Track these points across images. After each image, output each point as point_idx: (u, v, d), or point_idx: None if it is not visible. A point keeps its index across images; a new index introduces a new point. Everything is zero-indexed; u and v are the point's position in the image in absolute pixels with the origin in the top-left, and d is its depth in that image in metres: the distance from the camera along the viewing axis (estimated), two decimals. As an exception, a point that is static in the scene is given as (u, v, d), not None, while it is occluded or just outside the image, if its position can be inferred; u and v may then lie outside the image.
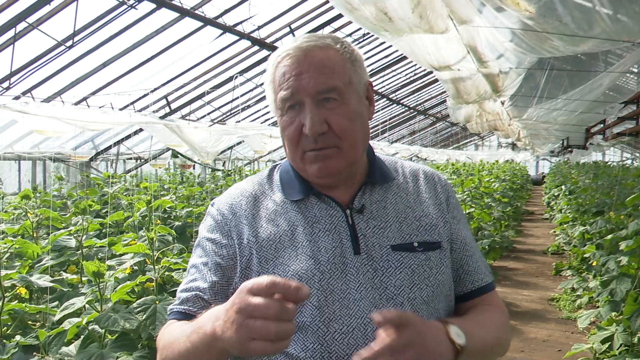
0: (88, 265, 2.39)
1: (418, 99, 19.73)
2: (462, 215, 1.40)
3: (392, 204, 1.32)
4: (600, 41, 3.10)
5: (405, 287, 1.22)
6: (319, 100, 1.22)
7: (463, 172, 11.87)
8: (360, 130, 1.26)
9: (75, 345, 2.44)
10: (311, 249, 1.24)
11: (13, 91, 7.50)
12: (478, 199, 8.35)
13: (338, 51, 1.25)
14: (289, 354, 1.21)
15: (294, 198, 1.30)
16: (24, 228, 3.85)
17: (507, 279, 7.48)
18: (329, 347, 1.18)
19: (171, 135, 9.62)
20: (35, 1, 5.95)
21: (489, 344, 1.24)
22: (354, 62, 1.27)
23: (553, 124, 10.88)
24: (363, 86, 1.29)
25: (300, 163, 1.27)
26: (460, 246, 1.33)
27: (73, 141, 11.41)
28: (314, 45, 1.24)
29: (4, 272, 2.96)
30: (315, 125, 1.20)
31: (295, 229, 1.27)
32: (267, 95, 1.30)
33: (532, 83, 7.40)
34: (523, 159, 35.44)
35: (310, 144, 1.23)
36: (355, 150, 1.26)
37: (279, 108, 1.26)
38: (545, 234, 11.53)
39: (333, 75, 1.22)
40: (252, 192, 1.35)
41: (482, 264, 1.36)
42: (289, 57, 1.24)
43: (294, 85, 1.22)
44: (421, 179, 1.38)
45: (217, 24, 8.20)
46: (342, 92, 1.23)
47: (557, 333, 5.41)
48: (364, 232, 1.26)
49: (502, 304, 1.37)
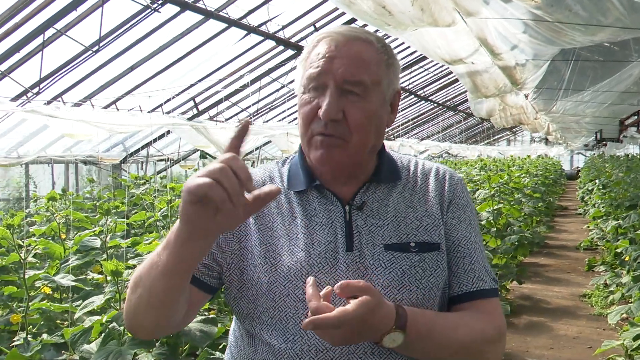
0: (107, 265, 2.43)
1: (447, 95, 19.55)
2: (469, 216, 1.33)
3: (394, 202, 1.29)
4: (617, 30, 3.01)
5: (393, 288, 1.20)
6: (343, 90, 1.20)
7: (493, 167, 11.72)
8: (373, 130, 1.25)
9: (96, 343, 2.48)
10: (305, 241, 1.24)
11: (43, 96, 7.68)
12: (507, 194, 8.23)
13: (378, 50, 1.25)
14: (269, 344, 1.21)
15: (296, 189, 1.30)
16: (51, 229, 3.93)
17: (537, 276, 7.36)
18: (308, 340, 1.18)
19: (198, 137, 9.73)
20: (62, 8, 6.08)
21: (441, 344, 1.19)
22: (389, 66, 1.26)
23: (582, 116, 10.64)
24: (391, 92, 1.28)
25: (306, 146, 1.26)
26: (452, 247, 1.28)
27: (104, 144, 11.63)
28: (356, 36, 1.24)
29: (32, 272, 3.04)
30: (331, 111, 1.19)
31: (294, 220, 1.27)
32: (296, 72, 1.29)
33: (557, 75, 7.24)
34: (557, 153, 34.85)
35: (320, 128, 1.22)
36: (362, 148, 1.25)
37: (303, 85, 1.25)
38: (578, 229, 11.30)
39: (365, 70, 1.21)
40: (261, 179, 1.35)
41: (480, 269, 1.29)
42: (329, 39, 1.23)
43: (324, 66, 1.21)
44: (431, 178, 1.34)
45: (242, 25, 8.26)
46: (367, 89, 1.21)
47: (588, 330, 5.30)
48: (360, 230, 1.25)
49: (497, 315, 1.28)
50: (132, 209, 5.84)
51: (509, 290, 6.35)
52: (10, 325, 2.97)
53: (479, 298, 1.27)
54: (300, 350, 1.18)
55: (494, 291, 1.29)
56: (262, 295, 1.22)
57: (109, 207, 3.66)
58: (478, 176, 9.39)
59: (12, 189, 11.43)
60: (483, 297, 1.27)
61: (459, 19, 3.86)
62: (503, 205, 7.20)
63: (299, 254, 1.23)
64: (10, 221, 2.88)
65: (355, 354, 1.18)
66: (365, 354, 1.18)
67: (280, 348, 1.20)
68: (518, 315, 5.65)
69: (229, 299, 1.29)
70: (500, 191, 7.77)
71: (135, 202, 6.07)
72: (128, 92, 9.12)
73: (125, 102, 9.48)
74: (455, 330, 1.20)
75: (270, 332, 1.22)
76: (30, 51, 6.63)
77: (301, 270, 1.21)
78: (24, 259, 2.85)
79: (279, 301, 1.21)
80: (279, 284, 1.21)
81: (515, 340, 5.00)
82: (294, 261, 1.22)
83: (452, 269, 1.28)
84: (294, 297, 1.20)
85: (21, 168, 10.59)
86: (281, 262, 1.23)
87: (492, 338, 1.24)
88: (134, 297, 1.16)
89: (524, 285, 6.65)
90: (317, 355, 1.18)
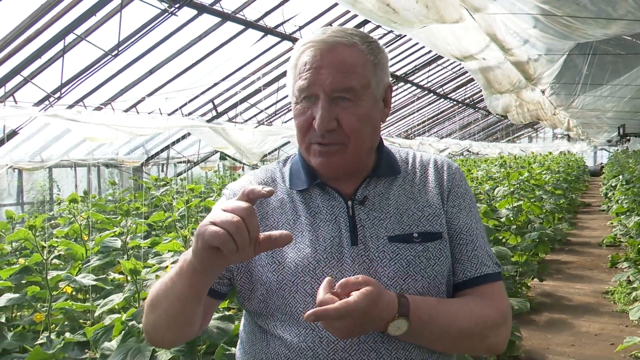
0: (125, 264, 2.48)
1: (466, 92, 19.43)
2: (468, 204, 1.36)
3: (395, 195, 1.32)
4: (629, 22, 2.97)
5: (399, 278, 1.23)
6: (334, 98, 1.23)
7: (513, 164, 11.62)
8: (369, 132, 1.28)
9: (116, 340, 2.53)
10: (310, 238, 1.27)
11: (65, 101, 7.81)
12: (528, 191, 8.16)
13: (363, 52, 1.26)
14: (282, 338, 1.25)
15: (298, 188, 1.33)
16: (73, 230, 4.00)
17: (559, 273, 7.30)
18: (320, 333, 1.21)
19: (217, 138, 9.82)
20: (82, 13, 6.18)
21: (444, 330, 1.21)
22: (377, 65, 1.28)
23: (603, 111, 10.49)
24: (381, 89, 1.30)
25: (305, 153, 1.31)
26: (454, 235, 1.31)
27: (125, 147, 11.78)
28: (340, 42, 1.25)
29: (54, 273, 3.11)
30: (325, 122, 1.23)
31: (298, 218, 1.30)
32: (287, 78, 1.32)
33: (574, 70, 7.15)
34: (580, 149, 34.43)
35: (317, 138, 1.26)
36: (360, 150, 1.28)
37: (295, 95, 1.28)
38: (601, 226, 11.17)
39: (352, 75, 1.23)
40: (263, 179, 1.38)
41: (483, 254, 1.31)
42: (313, 49, 1.25)
43: (312, 78, 1.23)
44: (430, 169, 1.37)
45: (259, 27, 8.32)
46: (357, 94, 1.24)
47: (611, 327, 5.24)
48: (364, 224, 1.28)
49: (501, 299, 1.30)
50: (153, 210, 5.90)
51: (529, 287, 6.30)
52: (35, 324, 3.04)
53: (482, 283, 1.29)
54: (312, 343, 1.21)
55: (498, 275, 1.32)
56: (273, 293, 1.25)
57: (129, 209, 3.72)
58: (498, 173, 9.32)
59: (36, 192, 11.63)
60: (487, 281, 1.30)
61: (466, 15, 3.84)
62: (523, 202, 7.14)
63: (305, 251, 1.26)
64: (32, 222, 2.95)
65: (365, 343, 1.20)
66: (375, 343, 1.21)
67: (292, 342, 1.23)
68: (539, 313, 5.61)
69: (241, 300, 1.33)
70: (521, 188, 7.71)
71: (155, 204, 6.14)
72: (148, 95, 9.23)
73: (145, 105, 9.60)
74: (457, 315, 1.23)
75: (282, 327, 1.25)
76: (52, 57, 6.75)
77: (308, 266, 1.24)
78: (47, 260, 2.91)
79: (289, 297, 1.24)
80: (287, 281, 1.24)
81: (536, 337, 4.96)
82: (301, 258, 1.25)
83: (455, 257, 1.31)
84: (303, 292, 1.23)
85: (45, 172, 10.79)
86: (288, 260, 1.26)
87: (496, 322, 1.26)
88: (152, 317, 1.25)
89: (545, 282, 6.59)
90: (329, 346, 1.21)
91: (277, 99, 11.47)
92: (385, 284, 1.22)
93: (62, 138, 10.00)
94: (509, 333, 1.33)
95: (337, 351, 1.20)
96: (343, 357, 1.20)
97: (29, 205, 10.95)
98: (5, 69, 6.63)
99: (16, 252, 3.97)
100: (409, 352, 1.23)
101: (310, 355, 1.21)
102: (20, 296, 2.97)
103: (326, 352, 1.21)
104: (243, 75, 10.07)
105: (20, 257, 3.64)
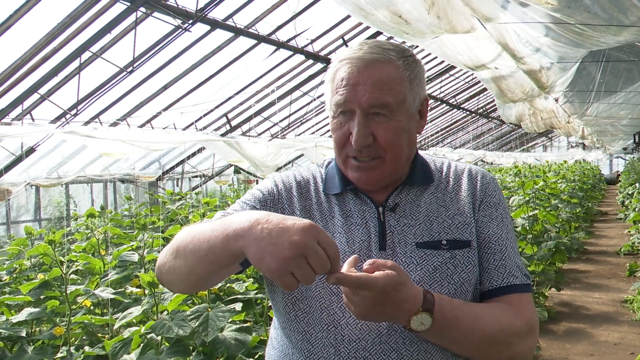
0: (143, 277, 2.51)
1: (479, 102, 19.37)
2: (501, 214, 1.36)
3: (426, 203, 1.34)
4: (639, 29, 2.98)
5: (425, 284, 1.25)
6: (369, 114, 1.26)
7: (528, 174, 11.55)
8: (405, 145, 1.31)
9: (135, 353, 2.55)
10: (340, 240, 1.30)
11: (81, 117, 7.91)
12: (543, 200, 8.11)
13: (399, 67, 1.28)
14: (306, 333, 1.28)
15: (332, 192, 1.37)
16: (91, 245, 4.05)
17: (577, 282, 7.23)
18: (342, 330, 1.24)
19: (231, 152, 9.88)
20: (97, 31, 6.27)
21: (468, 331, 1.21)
22: (412, 80, 1.30)
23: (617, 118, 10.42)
24: (417, 103, 1.33)
25: (343, 165, 1.34)
26: (482, 243, 1.32)
27: (140, 162, 11.89)
28: (376, 59, 1.27)
29: (73, 287, 3.14)
30: (361, 139, 1.26)
31: (332, 219, 1.34)
32: (324, 92, 1.36)
33: (587, 77, 7.12)
34: (595, 158, 34.12)
35: (354, 152, 1.29)
36: (397, 163, 1.32)
37: (332, 110, 1.32)
38: (619, 234, 11.06)
39: (388, 92, 1.26)
40: (306, 177, 1.42)
41: (511, 265, 1.31)
42: (350, 65, 1.28)
43: (349, 94, 1.27)
44: (464, 178, 1.39)
45: (271, 41, 8.39)
46: (393, 110, 1.27)
47: (630, 336, 5.18)
48: (393, 230, 1.30)
49: (527, 310, 1.29)
50: (169, 224, 5.95)
51: (547, 297, 6.25)
52: (54, 338, 3.07)
53: (509, 293, 1.29)
54: (334, 340, 1.24)
55: (526, 286, 1.32)
56: (299, 288, 1.27)
57: (146, 223, 3.76)
58: (512, 183, 9.27)
59: (53, 208, 11.75)
60: (514, 292, 1.30)
61: (477, 24, 3.86)
62: (539, 211, 7.10)
63: None
64: (51, 237, 2.99)
65: (387, 343, 1.22)
66: (397, 344, 1.22)
67: (316, 338, 1.26)
68: (557, 322, 5.57)
69: (270, 292, 1.37)
70: (536, 197, 7.66)
71: (171, 218, 6.19)
72: (162, 110, 9.32)
73: (159, 121, 9.70)
74: (482, 319, 1.23)
75: (306, 323, 1.28)
76: (68, 74, 6.85)
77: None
78: (66, 274, 2.95)
79: (315, 293, 1.27)
80: None
81: (555, 347, 4.92)
82: None
83: (482, 265, 1.32)
84: (328, 291, 1.26)
85: (62, 188, 10.91)
86: None
87: (521, 331, 1.26)
88: (173, 263, 1.24)
89: (562, 291, 6.54)
90: (350, 344, 1.23)
91: (290, 112, 11.52)
92: None
93: (78, 154, 10.12)
94: (535, 344, 1.33)
95: (358, 350, 1.23)
96: (364, 355, 1.22)
97: (46, 221, 11.06)
98: (23, 87, 6.73)
99: (35, 268, 4.01)
100: (430, 355, 1.24)
101: (332, 352, 1.24)
102: (39, 310, 3.00)
103: (348, 349, 1.23)
104: (256, 89, 10.14)
105: (40, 272, 3.69)
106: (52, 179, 10.01)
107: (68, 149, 9.86)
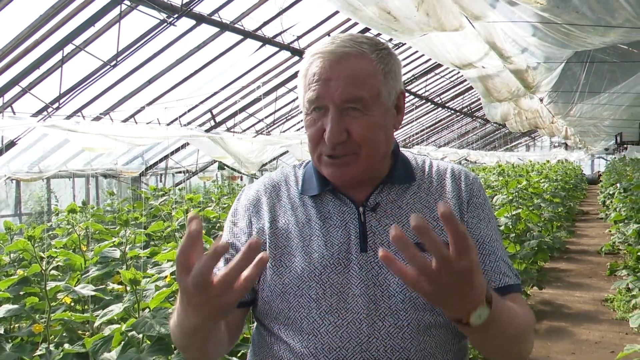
0: (125, 273, 2.47)
1: (464, 101, 19.47)
2: (488, 214, 1.34)
3: (409, 203, 1.30)
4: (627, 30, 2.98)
5: (409, 288, 1.20)
6: (343, 109, 1.22)
7: (512, 173, 11.63)
8: (381, 140, 1.26)
9: (116, 351, 2.52)
10: (318, 243, 1.26)
11: (63, 111, 7.81)
12: (526, 199, 8.17)
13: (373, 61, 1.24)
14: (286, 342, 1.24)
15: (310, 194, 1.32)
16: (72, 241, 3.99)
17: (558, 281, 7.29)
18: (322, 339, 1.20)
19: (216, 148, 9.80)
20: (80, 24, 6.19)
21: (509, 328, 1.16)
22: (387, 74, 1.25)
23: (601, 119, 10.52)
24: (393, 96, 1.28)
25: (317, 162, 1.29)
26: (476, 246, 1.26)
27: (124, 157, 11.77)
28: (349, 52, 1.23)
29: (53, 283, 3.10)
30: (335, 135, 1.21)
31: (308, 222, 1.29)
32: (298, 87, 1.31)
33: (572, 78, 7.18)
34: (577, 158, 34.50)
35: (328, 150, 1.24)
36: (373, 159, 1.26)
37: (305, 107, 1.27)
38: (600, 233, 11.18)
39: (362, 86, 1.21)
40: (277, 183, 1.38)
41: (504, 265, 1.29)
42: (322, 59, 1.23)
43: (321, 90, 1.22)
44: (447, 179, 1.35)
45: (257, 37, 8.34)
46: (367, 104, 1.22)
47: (611, 334, 5.23)
48: (374, 230, 1.26)
49: (527, 308, 1.29)
50: (152, 220, 5.90)
51: (529, 295, 6.29)
52: (33, 335, 3.02)
53: (507, 293, 1.26)
54: (314, 349, 1.20)
55: (519, 286, 1.30)
56: (277, 296, 1.25)
57: (128, 219, 3.71)
58: (496, 182, 9.33)
59: (34, 203, 11.60)
60: (510, 292, 1.27)
61: (466, 23, 3.86)
62: (522, 210, 7.15)
63: (312, 256, 1.25)
64: (31, 233, 2.94)
65: (368, 351, 1.19)
66: (377, 352, 1.19)
67: (295, 347, 1.22)
68: (539, 321, 5.60)
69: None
70: (519, 196, 7.72)
71: (154, 214, 6.14)
72: (146, 105, 9.24)
73: (143, 116, 9.60)
74: (515, 311, 1.19)
75: (286, 331, 1.24)
76: (50, 67, 6.76)
77: (314, 272, 1.24)
78: (46, 270, 2.90)
79: (293, 302, 1.23)
80: (292, 285, 1.24)
81: (536, 345, 4.95)
82: (307, 263, 1.25)
83: None
84: (307, 297, 1.23)
85: (43, 182, 10.76)
86: (294, 264, 1.26)
87: (533, 325, 1.28)
88: (178, 343, 1.25)
89: (544, 290, 6.58)
90: (330, 353, 1.20)
91: (276, 109, 11.48)
92: (394, 291, 1.21)
93: (60, 149, 9.99)
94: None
95: (338, 358, 1.19)
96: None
97: (27, 216, 10.92)
98: (4, 80, 6.63)
99: (14, 263, 3.95)
100: None
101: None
102: (18, 307, 2.95)
103: (327, 358, 1.20)
104: (242, 84, 10.08)
105: (19, 267, 3.63)
106: (33, 173, 9.87)
107: (50, 143, 9.73)
